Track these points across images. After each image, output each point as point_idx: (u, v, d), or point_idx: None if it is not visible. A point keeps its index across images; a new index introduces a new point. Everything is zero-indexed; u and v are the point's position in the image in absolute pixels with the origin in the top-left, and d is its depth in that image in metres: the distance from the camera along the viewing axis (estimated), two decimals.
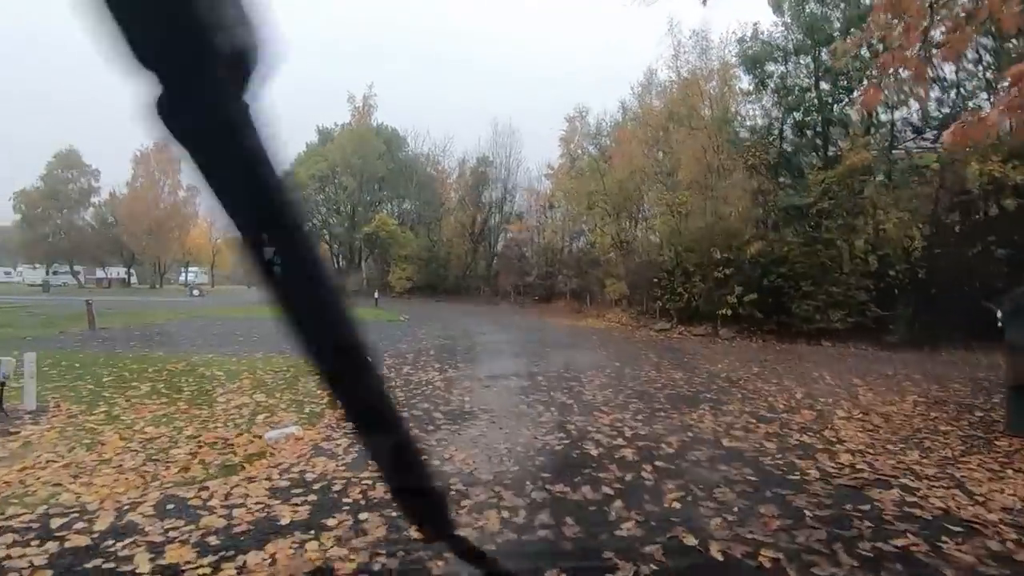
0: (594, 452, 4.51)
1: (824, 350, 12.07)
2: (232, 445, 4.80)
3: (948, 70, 13.08)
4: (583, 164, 27.58)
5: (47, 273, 63.08)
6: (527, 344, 12.54)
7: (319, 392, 7.05)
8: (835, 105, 13.57)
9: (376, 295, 27.50)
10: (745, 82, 15.22)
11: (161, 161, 65.19)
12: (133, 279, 70.71)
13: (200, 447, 4.70)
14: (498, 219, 37.19)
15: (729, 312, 13.64)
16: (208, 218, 74.21)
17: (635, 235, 17.73)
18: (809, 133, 14.24)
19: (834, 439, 5.04)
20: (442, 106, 75.99)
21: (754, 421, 5.60)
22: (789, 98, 14.09)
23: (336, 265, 44.61)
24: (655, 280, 15.83)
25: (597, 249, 23.57)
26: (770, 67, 14.34)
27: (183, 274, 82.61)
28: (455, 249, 36.95)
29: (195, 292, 40.17)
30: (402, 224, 41.74)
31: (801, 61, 14.04)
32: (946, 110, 12.96)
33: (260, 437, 5.00)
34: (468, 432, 5.11)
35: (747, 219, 14.18)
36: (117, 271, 70.21)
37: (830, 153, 13.69)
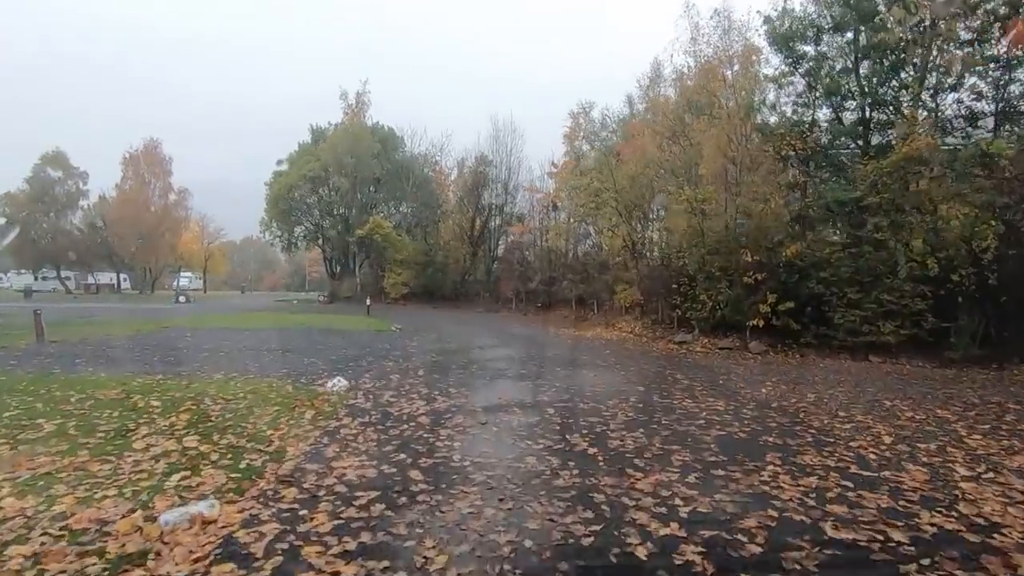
0: (641, 552, 3.02)
1: (876, 368, 10.55)
2: (108, 535, 3.31)
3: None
4: (589, 162, 26.15)
5: (35, 279, 61.83)
6: (532, 361, 11.04)
7: (270, 432, 5.60)
8: (880, 87, 12.10)
9: (368, 302, 26.01)
10: (774, 64, 13.80)
11: (151, 163, 64.16)
12: (126, 284, 69.54)
13: (56, 539, 3.22)
14: (499, 221, 35.76)
15: (760, 322, 12.14)
16: (201, 222, 73.36)
17: (650, 236, 16.22)
18: (849, 119, 12.79)
19: (980, 520, 3.54)
20: (440, 105, 74.91)
21: (850, 485, 4.10)
22: (826, 81, 12.65)
23: (330, 270, 43.25)
24: (674, 286, 14.34)
25: (605, 252, 22.11)
26: (803, 47, 12.89)
27: (177, 279, 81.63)
28: (453, 253, 35.52)
29: (181, 299, 38.76)
30: (399, 227, 40.37)
31: (839, 40, 12.61)
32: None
33: (155, 520, 3.51)
34: (455, 508, 3.62)
35: (780, 217, 12.72)
36: (110, 276, 69.03)
37: (873, 141, 12.27)
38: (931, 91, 12.25)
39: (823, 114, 13.39)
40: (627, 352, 12.95)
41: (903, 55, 11.10)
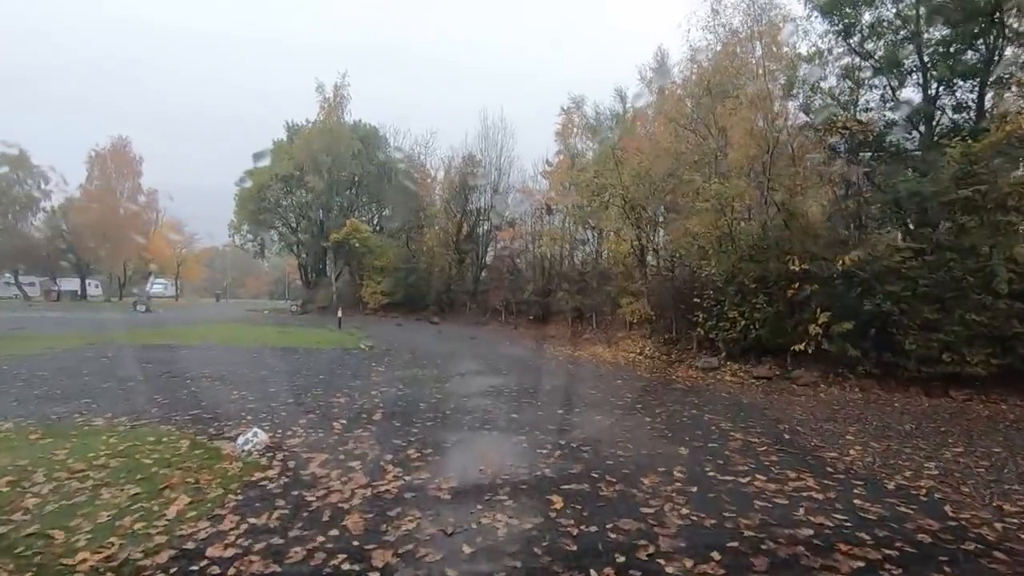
0: None
1: (967, 408, 8.35)
2: None
3: None
4: (588, 158, 23.98)
5: None
6: (525, 397, 8.71)
7: (81, 559, 3.28)
8: (952, 58, 9.98)
9: (339, 314, 23.55)
10: (817, 32, 11.66)
11: (119, 162, 61.36)
12: (97, 291, 66.50)
13: None
14: (487, 226, 33.43)
15: (808, 347, 9.93)
16: (174, 225, 70.53)
17: (660, 241, 13.96)
18: (912, 98, 10.75)
19: None
20: (429, 105, 72.72)
21: None
22: (881, 53, 10.55)
23: (304, 278, 40.73)
24: (695, 299, 12.12)
25: (606, 260, 19.94)
26: (856, 9, 10.74)
27: (150, 285, 78.56)
28: (438, 260, 33.15)
29: (140, 307, 35.94)
30: (381, 232, 37.98)
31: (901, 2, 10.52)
32: None
33: None
34: None
35: (834, 217, 10.59)
36: (87, 282, 65.98)
37: (942, 122, 10.20)
38: None
39: (875, 95, 11.33)
40: (643, 382, 10.67)
41: (992, 16, 9.02)
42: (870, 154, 10.52)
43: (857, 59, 11.03)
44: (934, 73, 10.23)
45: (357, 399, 8.29)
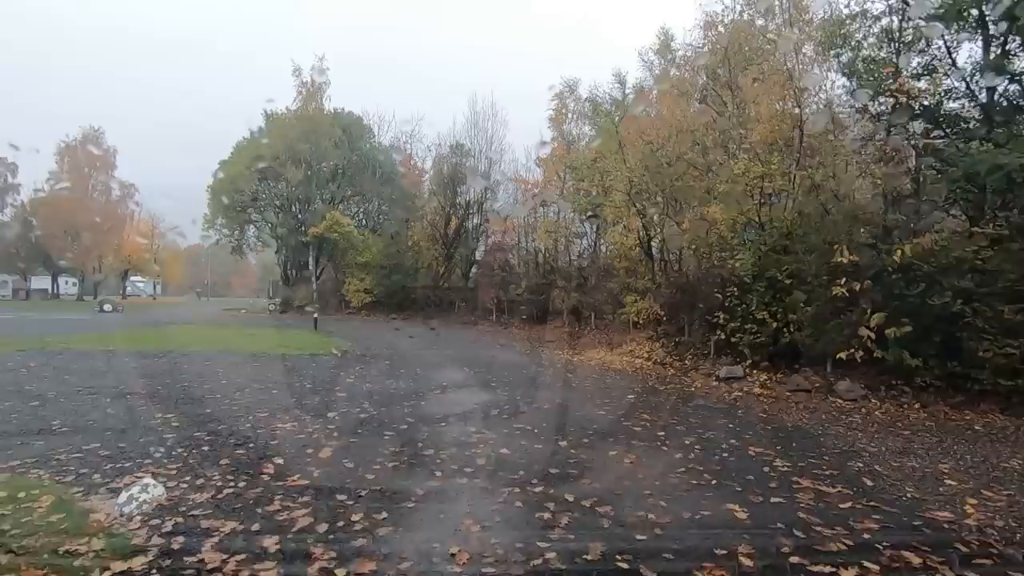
0: None
1: None
2: None
3: None
4: (584, 145, 22.37)
5: None
6: (519, 422, 7.06)
7: None
8: None
9: (316, 314, 21.84)
10: None
11: (91, 154, 59.14)
12: (74, 288, 64.37)
13: None
14: (478, 220, 31.80)
15: (855, 353, 8.40)
16: (150, 222, 68.26)
17: (680, 229, 12.38)
18: (970, 60, 9.21)
19: None
20: (413, 89, 70.72)
21: None
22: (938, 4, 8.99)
23: (284, 275, 38.95)
24: (717, 297, 10.57)
25: (609, 254, 18.38)
26: None
27: (130, 284, 76.61)
28: (424, 256, 31.47)
29: (107, 307, 34.08)
30: (363, 227, 36.22)
31: None
32: None
33: None
34: None
35: (888, 199, 9.03)
36: (64, 280, 63.91)
37: (1010, 89, 8.68)
38: None
39: (924, 58, 9.73)
40: (658, 397, 9.10)
41: None
42: (925, 126, 8.98)
43: (901, 20, 9.48)
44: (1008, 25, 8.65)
45: (307, 425, 6.66)
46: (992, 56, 8.86)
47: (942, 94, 9.37)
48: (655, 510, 4.10)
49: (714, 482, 4.82)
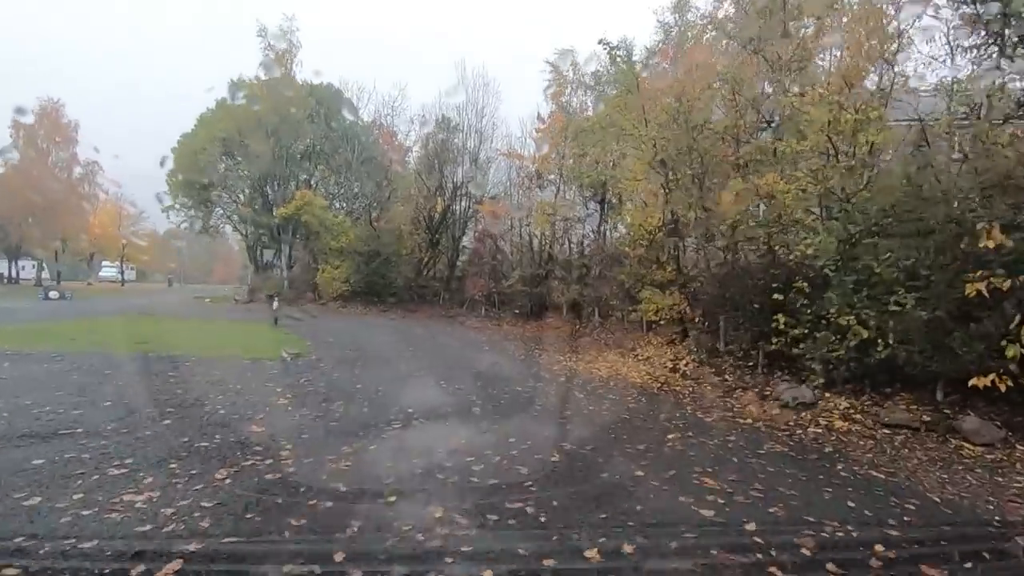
0: None
1: None
2: None
3: None
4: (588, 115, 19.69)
5: None
6: (517, 498, 4.46)
7: None
8: None
9: (275, 305, 19.15)
10: None
11: (50, 128, 55.53)
12: (44, 273, 60.87)
13: None
14: (466, 203, 29.05)
15: (1002, 381, 5.91)
16: (119, 203, 64.78)
17: (719, 204, 9.75)
18: None
19: None
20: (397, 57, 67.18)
21: None
22: None
23: (253, 261, 36.10)
24: (775, 294, 8.05)
25: (620, 239, 15.82)
26: None
27: (102, 269, 73.43)
28: (407, 242, 28.76)
29: (52, 294, 31.06)
30: (345, 211, 33.42)
31: None
32: None
33: None
34: None
35: None
36: (32, 265, 60.44)
37: None
38: None
39: None
40: (711, 434, 6.56)
41: None
42: None
43: None
44: None
45: (175, 491, 4.09)
46: None
47: None
48: None
49: None
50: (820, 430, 6.81)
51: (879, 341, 6.96)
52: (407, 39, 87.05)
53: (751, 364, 9.46)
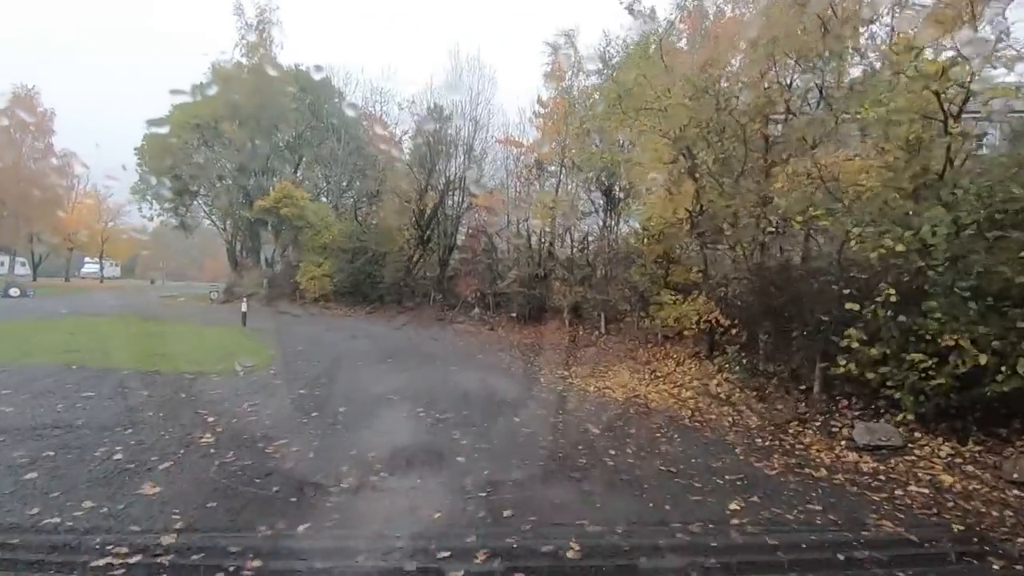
0: None
1: None
2: None
3: None
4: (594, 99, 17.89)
5: None
6: None
7: None
8: None
9: (244, 307, 17.34)
10: None
11: (22, 117, 53.32)
12: (24, 268, 58.64)
13: None
14: (459, 197, 27.20)
15: None
16: (99, 196, 62.59)
17: (761, 192, 8.00)
18: None
19: None
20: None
21: None
22: None
23: (232, 257, 34.23)
24: (850, 303, 6.28)
25: (632, 235, 14.04)
26: None
27: (85, 265, 71.21)
28: (395, 238, 26.93)
29: (12, 291, 29.03)
30: (331, 205, 31.57)
31: None
32: None
33: None
34: None
35: None
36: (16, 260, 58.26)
37: None
38: None
39: None
40: (780, 495, 4.81)
41: None
42: None
43: None
44: None
45: None
46: None
47: None
48: None
49: None
50: (926, 489, 5.07)
51: (1002, 368, 5.22)
52: (394, 22, 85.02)
53: (804, 389, 7.72)
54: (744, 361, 8.99)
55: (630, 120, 9.64)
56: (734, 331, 8.58)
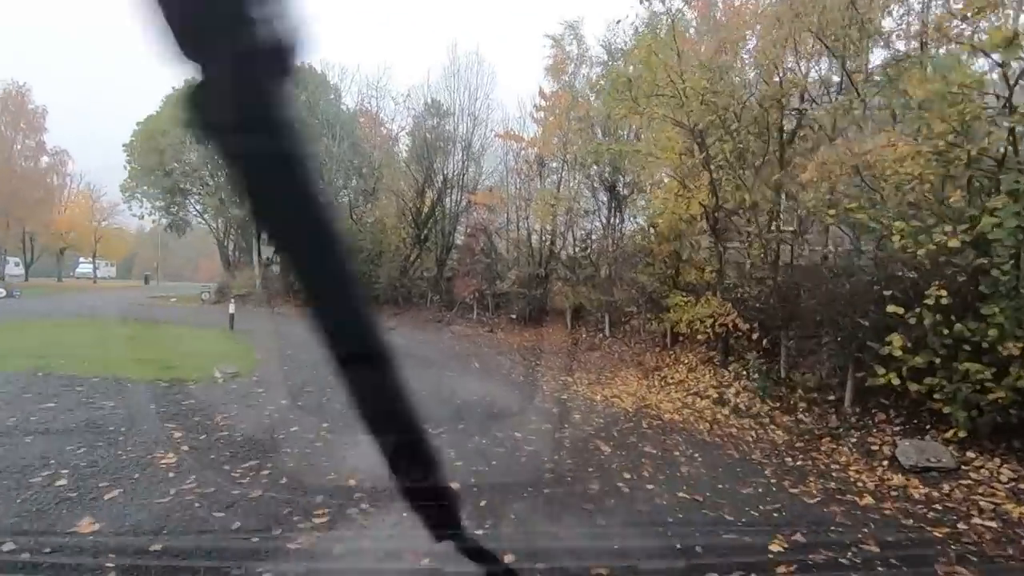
0: None
1: None
2: None
3: None
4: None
5: None
6: None
7: None
8: None
9: (232, 308, 16.69)
10: None
11: (14, 114, 52.61)
12: (18, 268, 57.89)
13: None
14: (457, 196, 26.48)
15: None
16: (92, 194, 61.85)
17: (790, 182, 7.24)
18: None
19: None
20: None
21: None
22: None
23: (224, 257, 33.55)
24: (897, 309, 5.62)
25: (643, 234, 13.33)
26: None
27: (79, 265, 70.51)
28: (391, 236, 26.23)
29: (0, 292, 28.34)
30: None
31: None
32: None
33: None
34: None
35: None
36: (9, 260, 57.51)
37: None
38: None
39: None
40: (827, 532, 4.15)
41: None
42: None
43: None
44: None
45: None
46: None
47: None
48: None
49: None
50: (994, 523, 4.40)
51: None
52: (391, 19, 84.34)
53: (833, 400, 7.05)
54: (765, 368, 8.33)
55: (640, 107, 8.97)
56: (754, 336, 7.91)
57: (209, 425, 6.48)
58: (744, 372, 8.78)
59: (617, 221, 17.03)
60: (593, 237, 17.87)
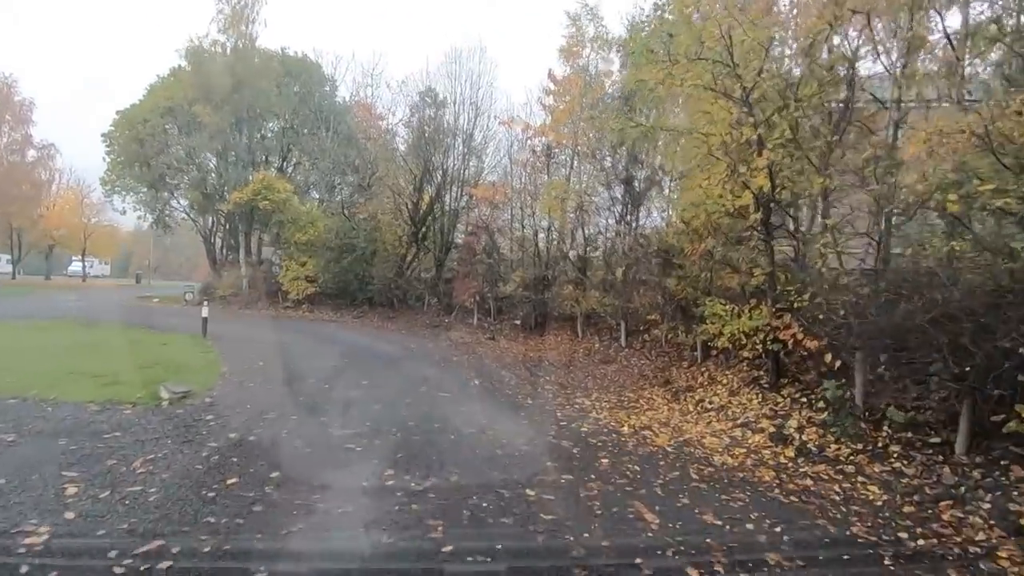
0: None
1: None
2: None
3: None
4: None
5: None
6: None
7: None
8: None
9: (205, 311, 15.12)
10: None
11: (1, 107, 51.23)
12: (8, 267, 56.45)
13: None
14: (458, 191, 24.94)
15: None
16: (81, 190, 60.38)
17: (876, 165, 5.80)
18: None
19: None
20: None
21: None
22: None
23: (211, 255, 32.04)
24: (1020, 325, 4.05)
25: (677, 231, 11.68)
26: None
27: (72, 263, 69.28)
28: (387, 235, 24.69)
29: None
30: (318, 199, 29.52)
31: None
32: None
33: None
34: None
35: None
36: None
37: None
38: None
39: None
40: None
41: None
42: None
43: None
44: None
45: None
46: None
47: None
48: None
49: None
50: None
51: None
52: (387, 11, 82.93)
53: (938, 444, 5.48)
54: (824, 394, 6.77)
55: (675, 76, 7.41)
56: (828, 356, 6.35)
57: (121, 474, 4.93)
58: (804, 399, 7.22)
59: (633, 218, 15.46)
60: (608, 235, 16.31)
